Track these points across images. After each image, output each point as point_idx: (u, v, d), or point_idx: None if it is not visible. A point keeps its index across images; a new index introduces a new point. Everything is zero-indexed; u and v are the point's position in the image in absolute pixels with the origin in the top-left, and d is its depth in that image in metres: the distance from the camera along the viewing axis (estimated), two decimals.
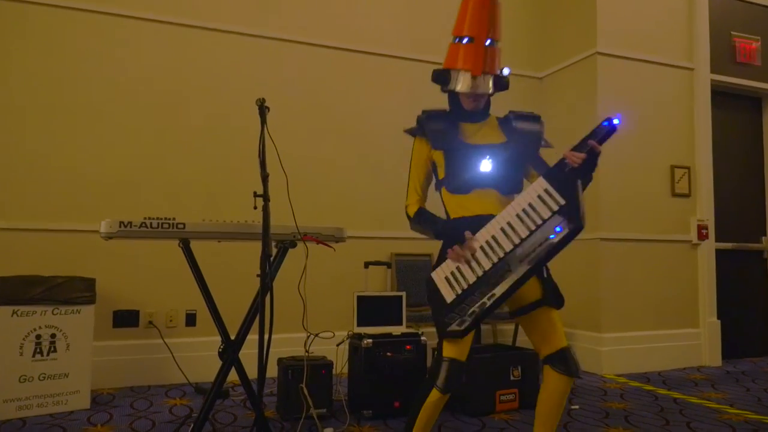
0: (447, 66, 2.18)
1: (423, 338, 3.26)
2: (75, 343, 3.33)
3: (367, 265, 3.57)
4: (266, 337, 2.11)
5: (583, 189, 1.98)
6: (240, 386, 3.89)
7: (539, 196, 2.01)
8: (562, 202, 1.95)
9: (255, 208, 2.14)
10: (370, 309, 3.35)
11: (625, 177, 4.63)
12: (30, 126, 3.83)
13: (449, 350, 2.02)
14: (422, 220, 2.19)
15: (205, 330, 4.07)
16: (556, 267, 4.95)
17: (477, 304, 1.96)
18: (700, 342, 4.80)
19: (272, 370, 3.49)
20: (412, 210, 2.22)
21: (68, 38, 3.93)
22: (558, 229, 1.93)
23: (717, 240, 4.97)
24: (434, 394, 2.00)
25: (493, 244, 2.01)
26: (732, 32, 5.15)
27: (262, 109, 2.41)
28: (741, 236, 5.21)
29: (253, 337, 3.87)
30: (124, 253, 3.95)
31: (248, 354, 3.75)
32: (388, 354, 3.16)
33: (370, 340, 3.13)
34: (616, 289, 4.52)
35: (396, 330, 3.31)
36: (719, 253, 4.98)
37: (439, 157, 2.16)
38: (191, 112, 4.18)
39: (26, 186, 3.79)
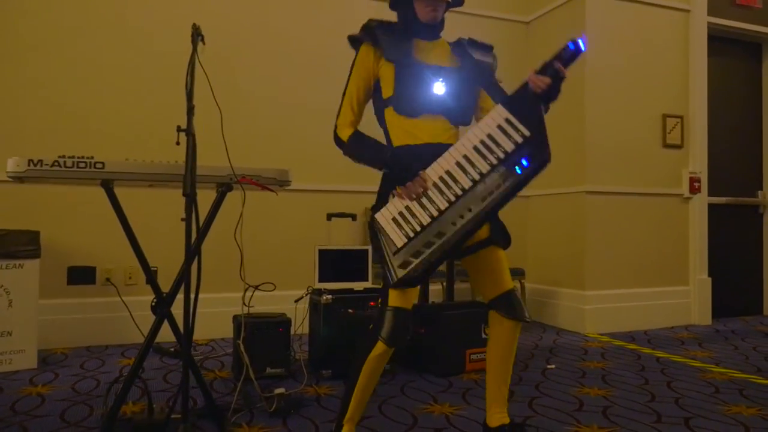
0: None
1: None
2: (18, 300, 3.12)
3: (329, 217, 3.33)
4: (193, 290, 1.88)
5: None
6: (203, 345, 3.71)
7: (500, 127, 1.77)
8: (527, 133, 1.72)
9: (177, 143, 1.89)
10: (334, 264, 3.13)
11: (613, 126, 4.35)
12: None
13: (395, 299, 1.80)
14: (363, 145, 1.89)
15: (166, 287, 3.85)
16: (537, 221, 4.76)
17: (432, 248, 1.73)
18: (689, 300, 4.60)
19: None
20: (346, 133, 1.92)
21: None
22: (524, 162, 1.70)
23: (710, 194, 4.73)
24: (379, 347, 1.80)
25: (449, 180, 1.77)
26: None
27: (195, 35, 2.14)
28: (735, 190, 4.96)
29: (208, 295, 3.79)
30: (78, 206, 3.71)
31: (206, 313, 3.59)
32: (350, 311, 2.95)
33: (330, 296, 2.92)
34: (601, 245, 4.30)
35: (359, 285, 3.10)
36: (712, 207, 4.74)
37: (388, 71, 1.88)
38: (114, 45, 3.88)
39: None
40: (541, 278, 4.70)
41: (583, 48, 1.70)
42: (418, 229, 1.75)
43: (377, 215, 1.82)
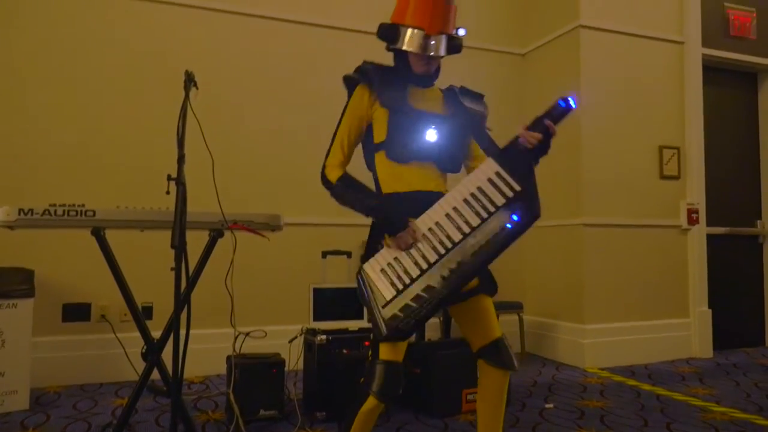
0: (396, 20, 1.89)
1: None
2: (11, 340, 3.10)
3: (324, 254, 3.32)
4: (183, 334, 1.87)
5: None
6: (197, 384, 3.67)
7: (490, 180, 1.76)
8: (518, 187, 1.72)
9: (167, 192, 1.88)
10: (328, 303, 3.10)
11: (610, 158, 4.35)
12: None
13: (385, 352, 1.78)
14: (351, 189, 1.85)
15: (161, 324, 3.83)
16: (534, 254, 4.73)
17: (421, 302, 1.72)
18: (689, 333, 4.56)
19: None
20: (335, 174, 1.88)
21: None
22: (515, 217, 1.69)
23: (708, 224, 4.71)
24: (370, 401, 1.77)
25: (438, 232, 1.76)
26: (725, 3, 4.85)
27: (188, 81, 2.15)
28: (734, 220, 4.95)
29: (203, 331, 3.74)
30: (73, 243, 3.70)
31: (200, 350, 3.55)
32: (345, 351, 2.92)
33: (325, 336, 2.89)
34: (600, 278, 4.27)
35: (354, 325, 3.07)
36: (711, 238, 4.71)
37: (381, 115, 1.88)
38: (111, 89, 3.89)
39: None
40: (540, 311, 4.66)
41: (573, 105, 1.72)
42: (408, 281, 1.73)
43: (366, 266, 1.81)
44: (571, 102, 1.71)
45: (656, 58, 4.57)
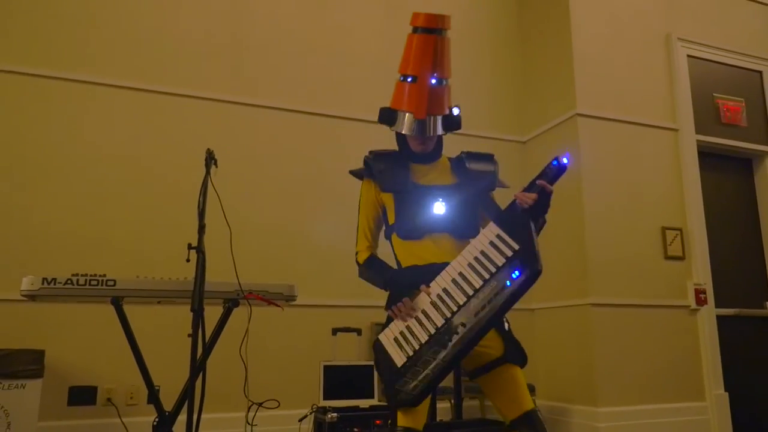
0: (393, 106, 2.04)
1: None
2: (18, 422, 3.05)
3: (335, 331, 3.33)
4: (197, 406, 1.87)
5: (538, 232, 1.81)
6: None
7: (491, 243, 1.84)
8: (516, 247, 1.78)
9: (188, 260, 1.95)
10: (339, 380, 3.09)
11: (613, 239, 4.43)
12: None
13: (403, 419, 1.79)
14: (371, 268, 2.01)
15: (167, 407, 3.77)
16: (544, 333, 4.70)
17: (430, 366, 1.75)
18: (707, 417, 4.43)
19: None
20: (363, 257, 2.06)
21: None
22: (515, 275, 1.74)
23: (717, 305, 4.70)
24: None
25: (445, 297, 1.82)
26: (714, 94, 5.11)
27: (209, 159, 2.28)
28: (742, 301, 4.94)
29: (211, 415, 3.66)
30: (82, 324, 3.72)
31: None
32: (355, 430, 2.87)
33: (335, 414, 2.85)
34: (611, 359, 4.22)
35: (365, 403, 3.03)
36: (721, 319, 4.69)
37: (388, 200, 2.00)
38: (140, 173, 4.07)
39: None
40: (552, 394, 4.57)
41: (566, 164, 1.80)
42: (417, 347, 1.79)
43: (380, 336, 1.88)
44: (564, 161, 1.79)
45: (652, 143, 4.76)
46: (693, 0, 5.24)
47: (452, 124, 2.04)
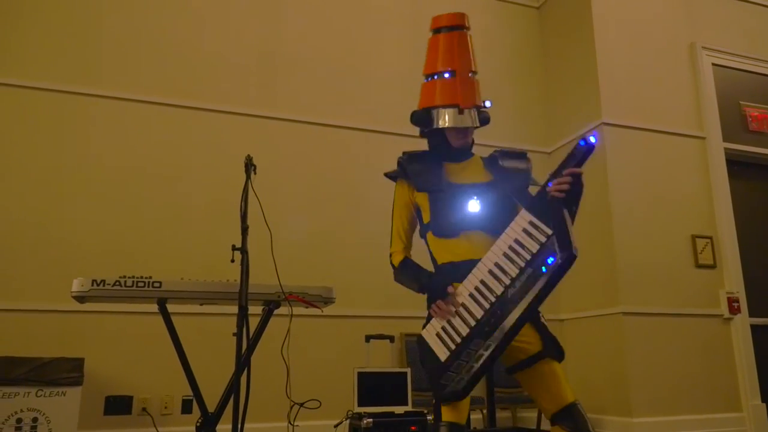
0: (424, 105, 2.08)
1: (429, 417, 2.98)
2: (58, 429, 3.11)
3: (368, 338, 3.36)
4: (242, 403, 1.91)
5: (573, 218, 1.81)
6: None
7: (525, 230, 1.84)
8: (549, 231, 1.77)
9: (232, 261, 2.01)
10: (373, 387, 3.10)
11: (643, 248, 4.41)
12: (12, 204, 3.81)
13: (448, 414, 1.80)
14: (406, 271, 2.04)
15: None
16: (575, 344, 4.66)
17: (473, 359, 1.76)
18: (745, 428, 4.34)
19: None
20: (397, 259, 2.08)
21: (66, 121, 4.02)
22: (550, 261, 1.74)
23: (750, 315, 4.63)
24: None
25: (483, 289, 1.83)
26: (741, 102, 5.09)
27: (249, 165, 2.35)
28: None
29: (250, 425, 3.68)
30: (118, 333, 3.79)
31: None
32: None
33: (371, 420, 2.87)
34: (644, 368, 4.17)
35: (400, 409, 3.04)
36: (755, 328, 4.62)
37: (423, 199, 2.03)
38: (188, 188, 4.17)
39: (13, 264, 3.71)
40: (585, 405, 4.44)
41: (594, 143, 1.76)
42: (459, 340, 1.79)
43: (423, 332, 1.89)
44: (592, 139, 1.76)
45: (679, 151, 4.75)
46: (716, 9, 5.26)
47: (484, 119, 2.08)
